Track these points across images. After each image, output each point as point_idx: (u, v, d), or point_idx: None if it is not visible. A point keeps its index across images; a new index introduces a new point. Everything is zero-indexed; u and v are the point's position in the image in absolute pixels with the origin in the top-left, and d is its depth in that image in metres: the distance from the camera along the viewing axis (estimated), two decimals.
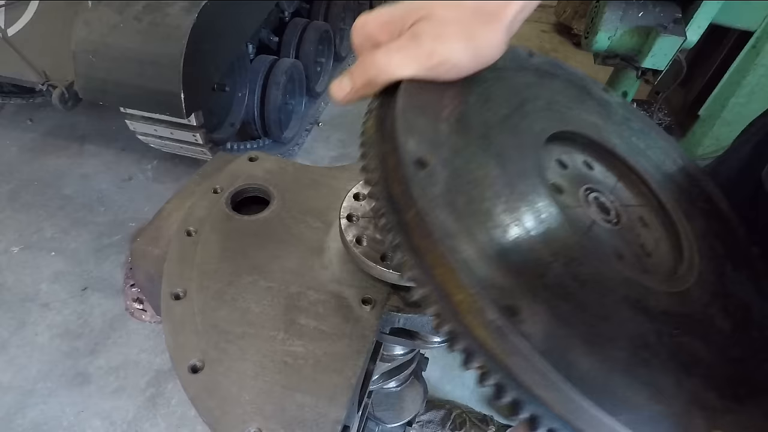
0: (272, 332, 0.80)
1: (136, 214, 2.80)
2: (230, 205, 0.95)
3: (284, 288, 0.85)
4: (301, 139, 3.23)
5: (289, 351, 0.79)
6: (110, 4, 2.05)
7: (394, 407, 1.35)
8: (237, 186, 0.97)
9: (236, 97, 2.81)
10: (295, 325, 0.81)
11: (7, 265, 2.55)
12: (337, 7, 3.51)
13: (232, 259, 0.88)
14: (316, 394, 0.75)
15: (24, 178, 2.97)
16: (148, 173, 3.03)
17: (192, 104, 2.08)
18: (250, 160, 1.03)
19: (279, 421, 0.72)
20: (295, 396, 0.74)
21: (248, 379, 0.76)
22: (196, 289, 0.84)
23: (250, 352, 0.78)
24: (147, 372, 2.19)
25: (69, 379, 2.16)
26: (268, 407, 0.73)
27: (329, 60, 3.53)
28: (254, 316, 0.82)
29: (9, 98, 2.86)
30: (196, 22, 1.96)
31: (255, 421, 0.72)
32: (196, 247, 0.89)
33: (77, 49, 2.04)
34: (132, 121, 2.41)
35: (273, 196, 0.96)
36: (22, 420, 2.04)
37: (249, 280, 0.86)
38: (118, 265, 2.56)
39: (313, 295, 0.84)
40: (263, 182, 0.98)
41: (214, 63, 2.24)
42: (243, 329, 0.81)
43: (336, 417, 0.73)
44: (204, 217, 0.93)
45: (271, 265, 0.88)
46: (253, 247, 0.90)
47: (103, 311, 2.39)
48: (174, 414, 2.07)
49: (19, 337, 2.29)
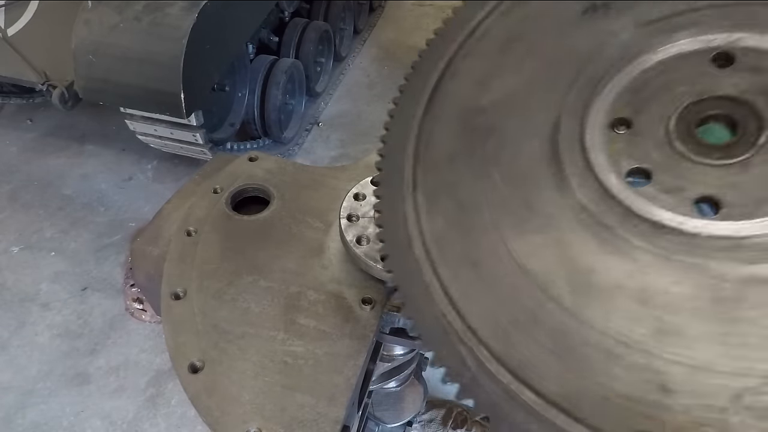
0: (272, 332, 0.80)
1: (136, 214, 2.80)
2: (230, 205, 0.95)
3: (284, 288, 0.85)
4: (301, 139, 3.23)
5: (289, 351, 0.79)
6: (110, 4, 2.05)
7: (394, 407, 1.35)
8: (237, 186, 0.97)
9: (236, 97, 2.81)
10: (295, 325, 0.81)
11: (7, 265, 2.55)
12: (337, 7, 3.50)
13: (232, 259, 0.88)
14: (316, 394, 0.75)
15: (24, 178, 2.97)
16: (148, 173, 3.03)
17: (192, 104, 2.08)
18: (250, 160, 1.03)
19: (279, 421, 0.72)
20: (295, 396, 0.74)
21: (248, 378, 0.76)
22: (196, 289, 0.84)
23: (250, 352, 0.78)
24: (147, 372, 2.19)
25: (69, 379, 2.16)
26: (268, 407, 0.73)
27: (329, 60, 3.53)
28: (254, 316, 0.82)
29: (9, 98, 2.86)
30: (196, 22, 1.96)
31: (255, 421, 0.72)
32: (196, 247, 0.89)
33: (77, 49, 2.04)
34: (132, 121, 2.41)
35: (273, 196, 0.96)
36: (22, 420, 2.04)
37: (249, 280, 0.86)
38: (118, 265, 2.56)
39: (313, 295, 0.84)
40: (263, 182, 0.98)
41: (214, 63, 2.24)
42: (243, 329, 0.81)
43: (336, 417, 0.73)
44: (204, 217, 0.93)
45: (271, 265, 0.88)
46: (253, 247, 0.90)
47: (103, 311, 2.38)
48: (174, 414, 2.07)
49: (19, 337, 2.29)
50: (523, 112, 0.62)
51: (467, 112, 0.65)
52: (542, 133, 0.60)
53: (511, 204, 0.58)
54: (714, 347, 0.46)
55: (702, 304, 0.48)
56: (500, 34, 0.67)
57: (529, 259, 0.55)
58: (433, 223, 0.60)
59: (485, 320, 0.54)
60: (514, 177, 0.60)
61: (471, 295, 0.55)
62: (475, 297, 0.55)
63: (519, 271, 0.55)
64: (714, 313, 0.48)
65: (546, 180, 0.58)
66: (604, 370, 0.49)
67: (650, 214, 0.53)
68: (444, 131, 0.65)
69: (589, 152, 0.57)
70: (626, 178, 0.56)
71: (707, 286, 0.49)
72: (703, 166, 0.54)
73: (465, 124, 0.64)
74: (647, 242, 0.52)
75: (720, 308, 0.48)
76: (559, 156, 0.58)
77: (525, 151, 0.60)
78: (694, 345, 0.47)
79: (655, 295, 0.50)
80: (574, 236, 0.54)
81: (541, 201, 0.57)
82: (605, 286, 0.51)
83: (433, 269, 0.58)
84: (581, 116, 0.59)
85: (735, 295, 0.48)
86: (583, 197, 0.55)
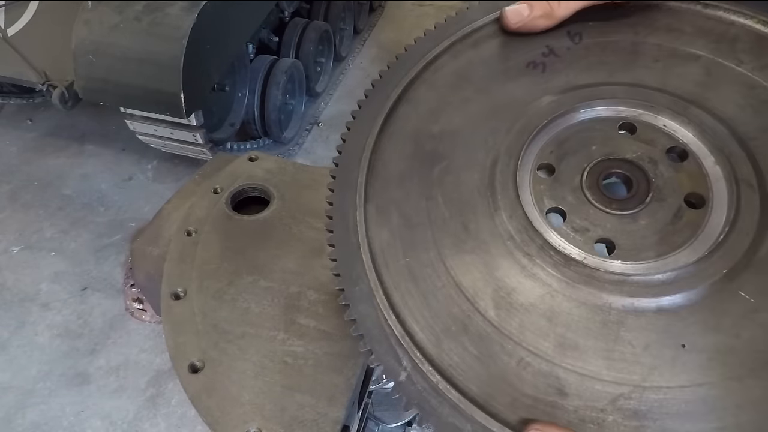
0: (272, 332, 0.80)
1: (136, 214, 2.80)
2: (230, 205, 0.95)
3: (284, 288, 0.85)
4: (301, 139, 3.23)
5: (289, 351, 0.79)
6: (110, 4, 2.05)
7: (394, 407, 1.35)
8: (237, 186, 0.97)
9: (236, 97, 2.81)
10: (295, 325, 0.81)
11: (7, 265, 2.55)
12: (337, 7, 3.50)
13: (232, 259, 0.88)
14: (316, 394, 0.75)
15: (24, 178, 2.97)
16: (148, 173, 3.03)
17: (192, 104, 2.08)
18: (250, 160, 1.03)
19: (279, 421, 0.72)
20: (295, 396, 0.75)
21: (248, 378, 0.76)
22: (196, 289, 0.84)
23: (250, 352, 0.78)
24: (147, 372, 2.19)
25: (69, 379, 2.16)
26: (268, 407, 0.73)
27: (329, 60, 3.53)
28: (254, 316, 0.82)
29: (9, 98, 2.86)
30: (196, 22, 1.96)
31: (255, 421, 0.72)
32: (196, 247, 0.89)
33: (77, 49, 2.04)
34: (132, 121, 2.41)
35: (273, 196, 0.96)
36: (22, 420, 2.04)
37: (249, 280, 0.86)
38: (118, 265, 2.56)
39: (313, 295, 0.84)
40: (263, 182, 0.98)
41: (214, 63, 2.24)
42: (243, 329, 0.81)
43: (336, 417, 0.73)
44: (204, 217, 0.93)
45: (271, 265, 0.88)
46: (253, 247, 0.90)
47: (103, 311, 2.39)
48: (174, 414, 2.07)
49: (19, 337, 2.29)
50: (468, 147, 0.73)
51: (419, 136, 0.74)
52: (483, 168, 0.71)
53: (451, 225, 0.68)
54: (600, 360, 0.59)
55: (594, 325, 0.61)
56: (452, 71, 0.78)
57: (462, 276, 0.65)
58: (381, 235, 0.67)
59: (422, 326, 0.62)
60: (455, 202, 0.69)
61: (410, 303, 0.64)
62: (414, 305, 0.63)
63: (453, 285, 0.64)
64: (602, 333, 0.60)
65: (482, 208, 0.68)
66: (516, 375, 0.59)
67: (562, 248, 0.65)
68: (397, 150, 0.73)
69: (520, 189, 0.69)
70: (546, 215, 0.69)
71: (599, 311, 0.61)
72: (605, 214, 0.68)
73: (417, 147, 0.73)
74: (558, 271, 0.64)
75: (606, 330, 0.61)
76: (494, 189, 0.69)
77: (466, 181, 0.70)
78: (585, 358, 0.60)
79: (560, 315, 0.62)
80: (501, 260, 0.65)
81: (476, 226, 0.67)
82: (522, 305, 0.63)
83: (378, 276, 0.65)
84: (516, 158, 0.71)
85: (617, 320, 0.61)
86: (511, 227, 0.67)
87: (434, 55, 0.79)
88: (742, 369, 0.57)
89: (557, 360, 0.60)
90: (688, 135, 0.71)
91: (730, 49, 0.72)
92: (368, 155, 0.72)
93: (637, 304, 0.61)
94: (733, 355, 0.57)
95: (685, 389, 0.57)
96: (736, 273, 0.61)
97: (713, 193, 0.67)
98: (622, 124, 0.73)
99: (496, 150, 0.72)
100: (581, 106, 0.74)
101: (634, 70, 0.75)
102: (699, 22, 0.74)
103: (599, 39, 0.77)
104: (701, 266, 0.62)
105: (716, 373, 0.57)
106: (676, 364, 0.58)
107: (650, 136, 0.72)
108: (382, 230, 0.68)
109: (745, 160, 0.66)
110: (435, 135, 0.74)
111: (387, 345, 0.62)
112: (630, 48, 0.76)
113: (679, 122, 0.71)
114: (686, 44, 0.74)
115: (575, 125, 0.74)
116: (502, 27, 0.78)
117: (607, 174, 0.71)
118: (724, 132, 0.68)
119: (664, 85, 0.73)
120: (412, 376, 0.60)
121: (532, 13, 0.74)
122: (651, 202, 0.67)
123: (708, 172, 0.68)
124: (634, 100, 0.73)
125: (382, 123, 0.74)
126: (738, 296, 0.60)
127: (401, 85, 0.77)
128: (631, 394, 0.57)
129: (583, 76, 0.75)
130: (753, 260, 0.61)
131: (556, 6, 0.73)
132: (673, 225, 0.66)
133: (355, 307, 0.64)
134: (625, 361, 0.59)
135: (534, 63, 0.77)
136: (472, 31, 0.80)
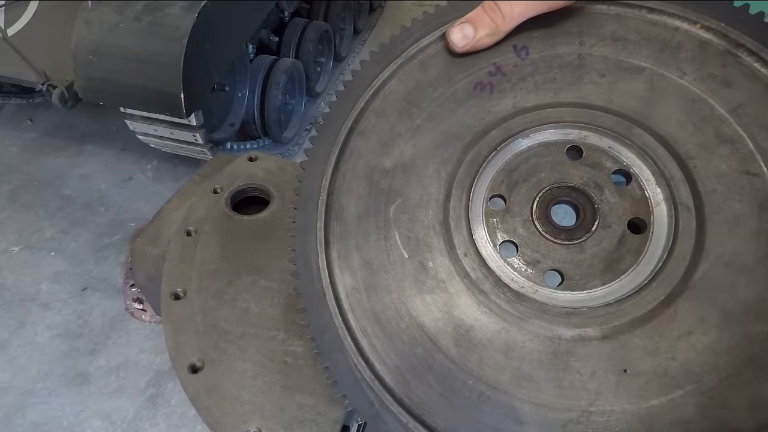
0: (272, 332, 0.81)
1: (136, 214, 2.79)
2: (230, 205, 0.95)
3: (284, 288, 0.85)
4: (301, 139, 3.23)
5: (289, 351, 0.79)
6: (110, 4, 2.04)
7: None
8: (237, 186, 0.97)
9: (236, 97, 2.81)
10: (295, 325, 0.81)
11: (7, 265, 2.55)
12: (337, 7, 3.50)
13: (232, 259, 0.88)
14: (316, 394, 0.75)
15: (24, 178, 2.97)
16: (148, 173, 3.02)
17: (192, 104, 2.08)
18: (250, 160, 1.03)
19: (279, 421, 0.72)
20: (295, 396, 0.75)
21: (248, 378, 0.76)
22: (196, 289, 0.84)
23: (249, 352, 0.78)
24: (147, 372, 2.18)
25: (69, 379, 2.16)
26: (267, 407, 0.73)
27: (329, 60, 3.53)
28: (254, 316, 0.82)
29: (9, 98, 2.86)
30: (196, 22, 1.96)
31: (255, 421, 0.72)
32: (196, 247, 0.89)
33: (77, 49, 2.04)
34: (132, 121, 2.40)
35: (273, 196, 0.96)
36: (22, 420, 2.04)
37: (249, 280, 0.86)
38: (118, 265, 2.56)
39: None
40: (263, 182, 0.98)
41: (214, 63, 2.23)
42: (243, 329, 0.81)
43: (335, 417, 0.73)
44: (204, 217, 0.93)
45: (271, 265, 0.88)
46: (253, 247, 0.90)
47: (103, 311, 2.38)
48: (174, 414, 2.07)
49: (19, 337, 2.29)
50: (421, 180, 0.73)
51: (373, 172, 0.74)
52: (437, 203, 0.72)
53: (409, 266, 0.70)
54: (552, 389, 0.62)
55: (546, 357, 0.64)
56: (402, 97, 0.77)
57: (424, 317, 0.67)
58: (344, 280, 0.69)
59: (389, 369, 0.66)
60: (412, 241, 0.71)
61: (378, 346, 0.67)
62: (381, 348, 0.66)
63: (416, 326, 0.67)
64: (553, 363, 0.63)
65: (438, 246, 0.70)
66: (477, 408, 0.63)
67: (514, 284, 0.68)
68: (353, 190, 0.74)
69: (473, 225, 0.71)
70: (499, 247, 0.70)
71: (549, 343, 0.64)
72: (554, 244, 0.70)
73: (371, 185, 0.74)
74: (511, 307, 0.66)
75: (557, 360, 0.63)
76: (448, 227, 0.71)
77: (422, 219, 0.72)
78: (539, 387, 0.63)
79: (515, 349, 0.65)
80: (459, 298, 0.68)
81: (434, 264, 0.70)
82: (481, 341, 0.66)
83: (345, 323, 0.67)
84: (468, 191, 0.72)
85: (567, 350, 0.64)
86: (467, 265, 0.69)
87: (381, 81, 0.78)
88: (675, 389, 0.60)
89: (514, 391, 0.63)
90: (632, 156, 0.71)
91: (674, 59, 0.71)
92: (325, 198, 0.72)
93: (584, 333, 0.64)
94: (667, 376, 0.60)
95: (626, 411, 0.60)
96: (673, 298, 0.63)
97: (654, 216, 0.69)
98: (569, 148, 0.73)
99: (448, 183, 0.73)
100: (529, 131, 0.74)
101: (580, 88, 0.74)
102: (644, 28, 0.73)
103: (545, 52, 0.75)
104: (642, 294, 0.64)
105: (654, 394, 0.60)
106: (619, 387, 0.61)
107: (596, 159, 0.72)
108: (345, 275, 0.69)
109: (683, 182, 0.68)
110: (388, 170, 0.74)
111: (359, 389, 0.65)
112: (576, 62, 0.74)
113: (622, 144, 0.71)
114: (631, 55, 0.73)
115: (524, 151, 0.74)
116: (448, 49, 0.76)
117: (556, 202, 0.73)
118: (664, 153, 0.69)
119: (610, 103, 0.72)
120: (383, 416, 0.64)
121: (477, 34, 0.72)
122: (597, 230, 0.69)
123: (650, 195, 0.70)
124: (580, 123, 0.73)
125: (335, 161, 0.74)
126: (674, 320, 0.62)
127: (351, 117, 0.76)
128: (579, 419, 0.61)
129: (530, 96, 0.75)
130: (689, 285, 0.63)
131: (501, 23, 0.71)
132: (618, 252, 0.68)
133: (327, 355, 0.66)
134: (574, 389, 0.62)
135: (481, 84, 0.76)
136: (418, 51, 0.78)
